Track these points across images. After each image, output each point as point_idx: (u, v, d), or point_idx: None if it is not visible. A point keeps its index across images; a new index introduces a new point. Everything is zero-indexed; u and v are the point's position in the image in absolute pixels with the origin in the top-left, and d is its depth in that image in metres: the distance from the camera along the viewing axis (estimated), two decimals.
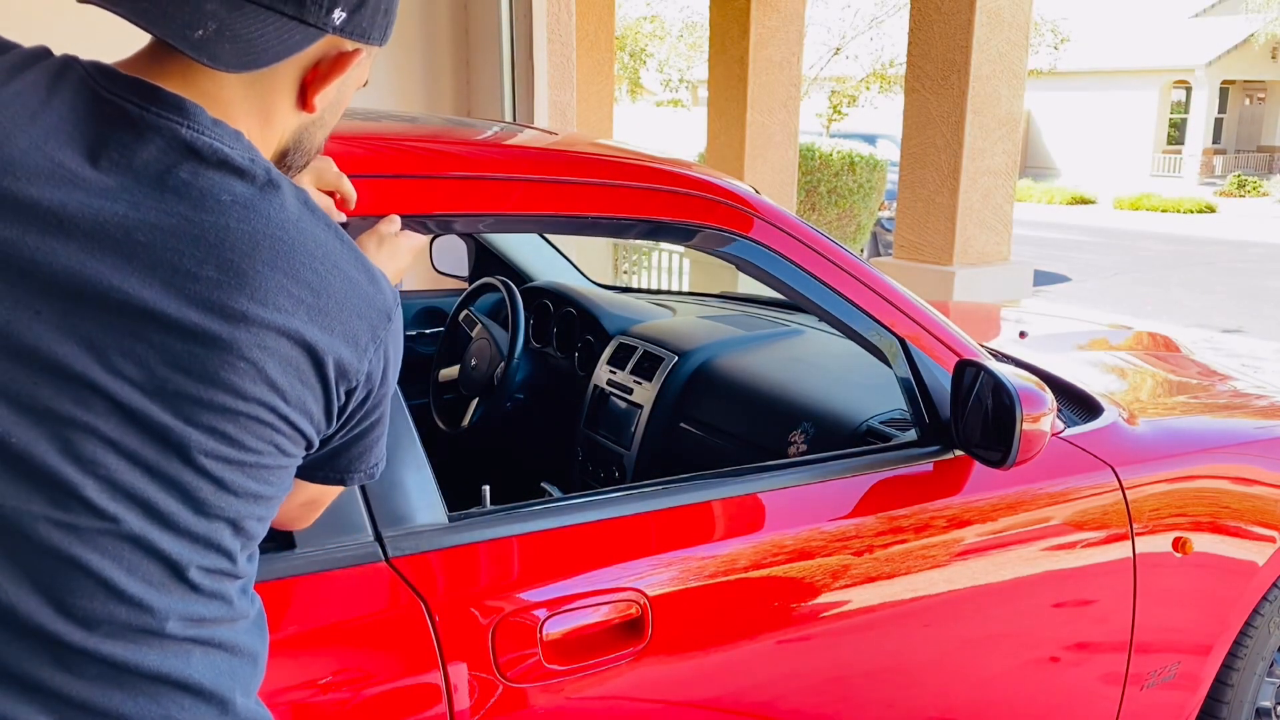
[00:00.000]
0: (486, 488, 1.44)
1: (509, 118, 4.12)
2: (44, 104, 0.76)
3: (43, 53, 0.81)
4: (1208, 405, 2.30)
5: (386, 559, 1.17)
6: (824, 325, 2.18)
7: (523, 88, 4.12)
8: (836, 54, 16.55)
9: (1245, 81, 27.97)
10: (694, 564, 1.37)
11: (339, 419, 0.86)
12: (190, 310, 0.75)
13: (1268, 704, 2.14)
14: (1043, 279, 10.23)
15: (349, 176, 1.08)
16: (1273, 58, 26.35)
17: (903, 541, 1.54)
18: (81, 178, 0.75)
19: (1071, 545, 1.72)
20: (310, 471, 0.92)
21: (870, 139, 12.26)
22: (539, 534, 1.29)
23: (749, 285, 1.93)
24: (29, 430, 0.74)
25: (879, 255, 10.21)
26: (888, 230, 10.26)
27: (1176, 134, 27.60)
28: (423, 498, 1.21)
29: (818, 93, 17.14)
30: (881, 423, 1.81)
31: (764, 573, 1.42)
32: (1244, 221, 17.88)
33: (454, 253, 2.79)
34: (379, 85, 4.00)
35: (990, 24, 4.84)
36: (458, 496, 1.36)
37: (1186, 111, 27.35)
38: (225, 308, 0.76)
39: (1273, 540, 1.99)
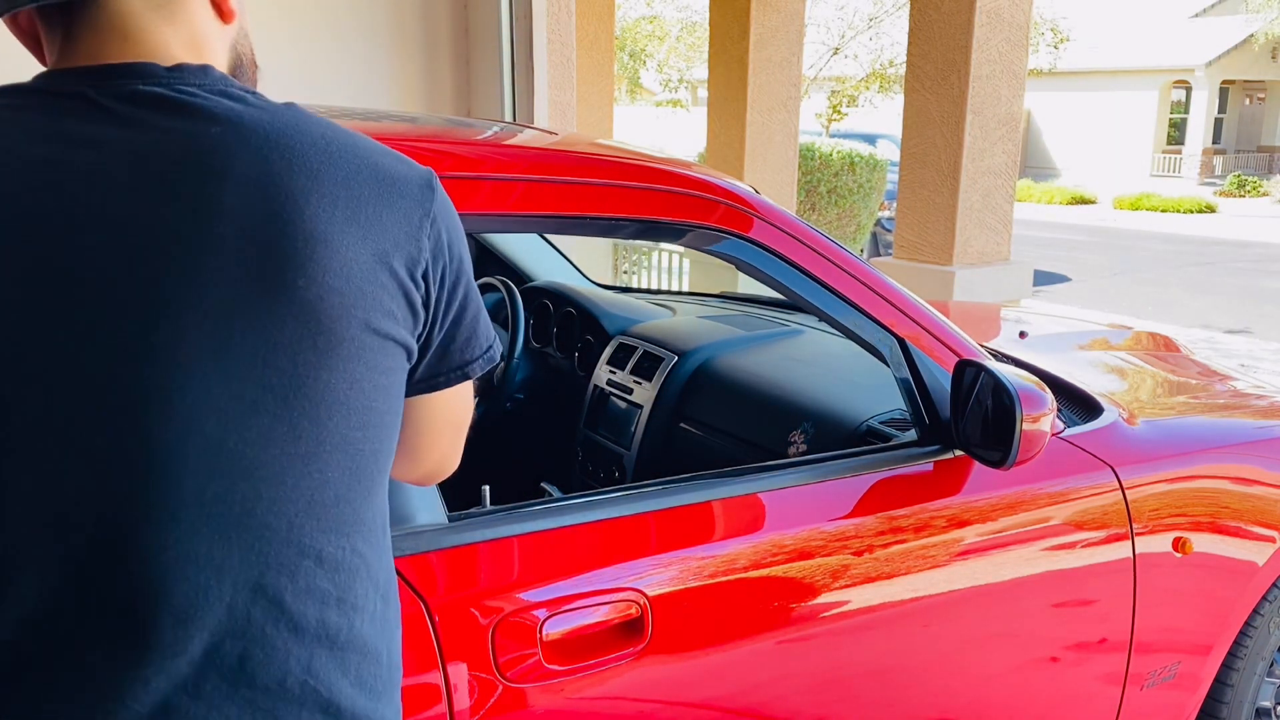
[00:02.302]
0: (486, 488, 1.44)
1: (509, 118, 4.12)
2: (24, 135, 0.75)
3: (20, 86, 0.79)
4: (1207, 405, 2.30)
5: None
6: (824, 325, 2.18)
7: (523, 88, 4.12)
8: (836, 54, 16.55)
9: (1245, 81, 27.96)
10: (694, 564, 1.37)
11: (427, 310, 0.83)
12: (239, 257, 0.73)
13: (1268, 704, 2.14)
14: (1043, 279, 10.23)
15: None
16: (1273, 58, 26.34)
17: (902, 541, 1.54)
18: (85, 178, 0.74)
19: (1071, 545, 1.72)
20: (435, 380, 0.88)
21: (870, 139, 12.26)
22: (539, 534, 1.29)
23: (749, 285, 1.93)
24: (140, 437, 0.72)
25: (879, 255, 10.21)
26: (888, 230, 10.25)
27: (1176, 134, 27.60)
28: (422, 498, 1.21)
29: (818, 93, 17.14)
30: (881, 423, 1.81)
31: (764, 573, 1.42)
32: (1244, 221, 17.87)
33: None
34: (379, 85, 4.01)
35: (990, 24, 4.83)
36: (457, 496, 1.36)
37: (1186, 111, 27.35)
38: (279, 242, 0.74)
39: (1273, 540, 1.99)
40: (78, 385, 0.72)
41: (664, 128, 19.52)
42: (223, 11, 0.84)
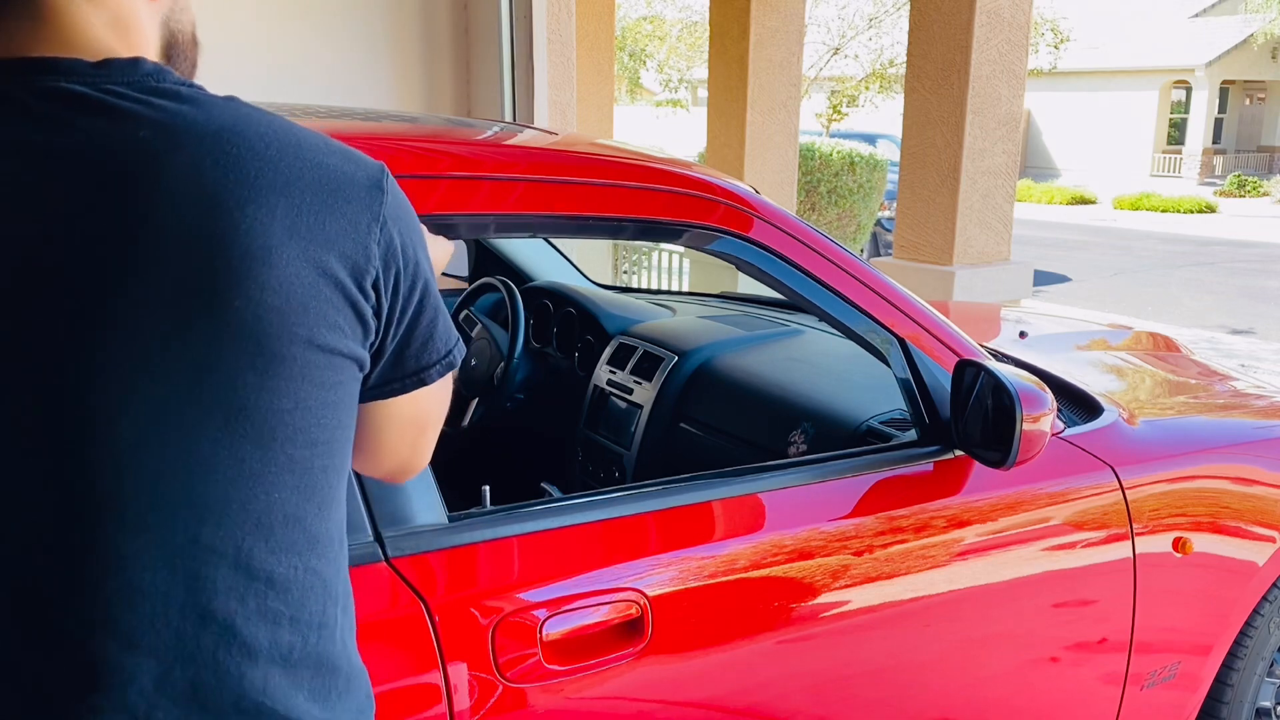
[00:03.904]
0: (486, 488, 1.44)
1: (509, 118, 4.12)
2: None
3: None
4: (1207, 405, 2.30)
5: (386, 559, 1.17)
6: (824, 325, 2.18)
7: (523, 88, 4.12)
8: (836, 54, 16.54)
9: (1245, 81, 27.96)
10: (694, 564, 1.37)
11: (379, 319, 0.79)
12: (168, 263, 0.69)
13: (1268, 704, 2.14)
14: (1043, 279, 10.23)
15: None
16: (1273, 58, 26.34)
17: (902, 541, 1.54)
18: (5, 187, 0.70)
19: (1071, 545, 1.72)
20: (388, 386, 0.84)
21: (870, 139, 12.26)
22: (539, 534, 1.29)
23: (749, 285, 1.93)
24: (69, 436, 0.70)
25: (879, 255, 10.21)
26: (888, 230, 10.26)
27: (1176, 134, 27.60)
28: (422, 498, 1.21)
29: (818, 93, 17.14)
30: (881, 423, 1.81)
31: (764, 573, 1.42)
32: (1244, 221, 17.88)
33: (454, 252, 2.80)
34: (379, 85, 4.01)
35: (990, 24, 4.83)
36: (458, 496, 1.36)
37: (1186, 111, 27.35)
38: (214, 251, 0.70)
39: (1273, 540, 1.99)
40: (6, 420, 0.70)
41: (664, 128, 19.53)
42: None
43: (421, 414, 0.90)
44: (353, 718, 0.83)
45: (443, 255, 1.07)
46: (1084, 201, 21.46)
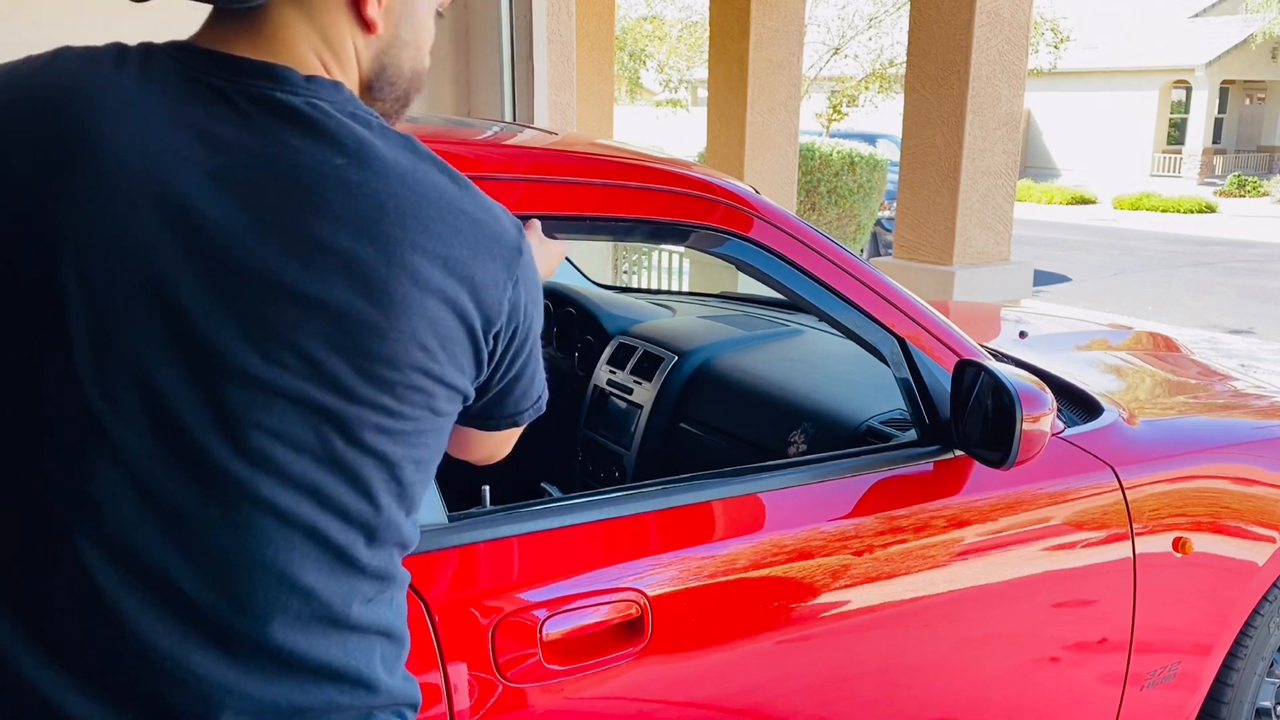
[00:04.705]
0: (486, 488, 1.44)
1: (509, 118, 4.12)
2: (142, 98, 0.75)
3: (121, 48, 0.79)
4: (1207, 405, 2.30)
5: None
6: (824, 325, 2.18)
7: (523, 88, 4.12)
8: (836, 54, 16.54)
9: (1245, 81, 27.96)
10: (694, 564, 1.37)
11: (491, 364, 0.85)
12: (333, 287, 0.74)
13: (1268, 704, 2.14)
14: (1043, 279, 10.23)
15: None
16: (1273, 58, 26.34)
17: (902, 541, 1.54)
18: (194, 164, 0.74)
19: (1071, 545, 1.72)
20: (481, 421, 0.93)
21: (870, 139, 12.26)
22: (539, 534, 1.29)
23: (749, 285, 1.93)
24: (203, 432, 0.74)
25: (879, 255, 10.21)
26: (888, 230, 10.26)
27: (1176, 134, 27.60)
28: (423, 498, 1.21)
29: (818, 93, 17.14)
30: (881, 423, 1.81)
31: (764, 573, 1.42)
32: (1244, 221, 17.87)
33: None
34: None
35: (990, 24, 4.83)
36: (458, 496, 1.36)
37: (1186, 111, 27.35)
38: (366, 279, 0.74)
39: (1273, 540, 1.99)
40: (185, 385, 0.74)
41: (664, 128, 19.53)
42: (366, 22, 0.81)
43: (508, 436, 1.02)
44: (401, 686, 0.87)
45: (555, 258, 1.13)
46: (1084, 201, 21.46)
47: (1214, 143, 27.62)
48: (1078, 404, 1.97)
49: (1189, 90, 27.04)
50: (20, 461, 0.75)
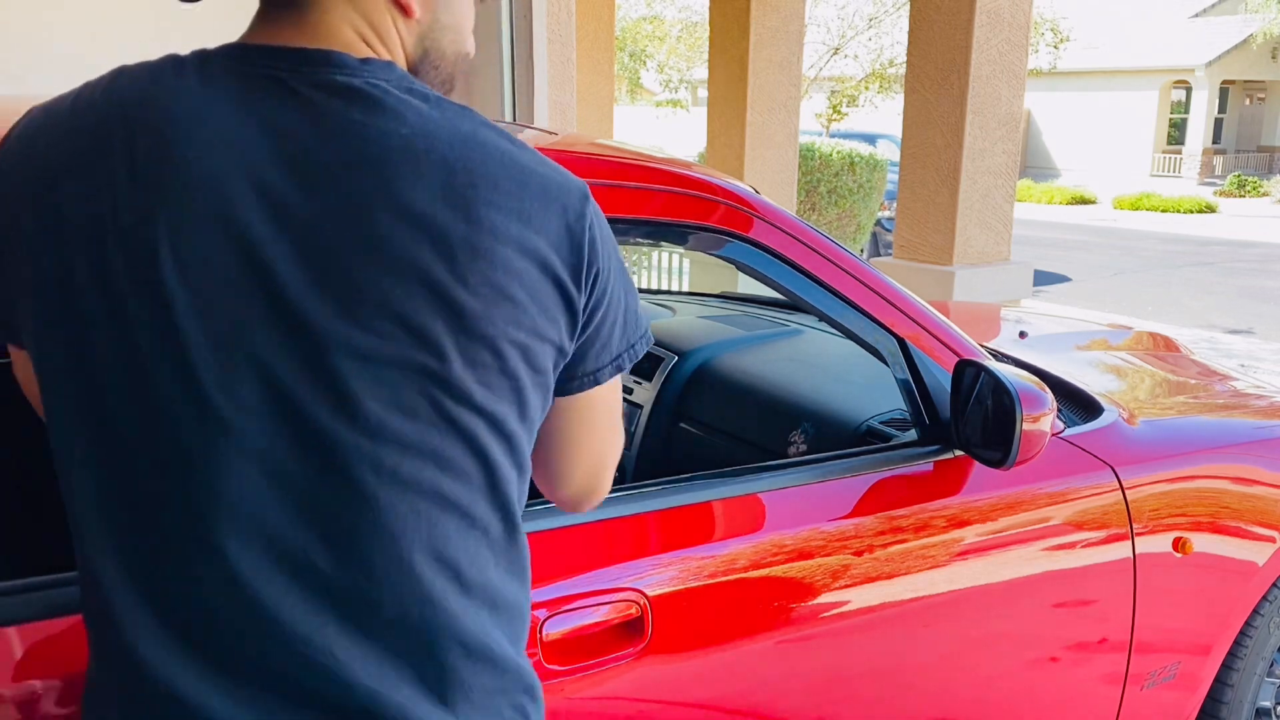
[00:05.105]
0: None
1: (509, 118, 4.12)
2: (210, 101, 0.78)
3: (176, 58, 0.81)
4: (1207, 405, 2.30)
5: None
6: (824, 325, 2.18)
7: (523, 88, 4.12)
8: (836, 54, 16.54)
9: (1245, 81, 27.97)
10: (694, 564, 1.37)
11: (585, 313, 0.86)
12: (418, 252, 0.76)
13: (1268, 704, 2.14)
14: (1043, 279, 10.24)
15: None
16: (1273, 58, 26.34)
17: (902, 541, 1.54)
18: (269, 154, 0.76)
19: (1071, 545, 1.72)
20: (583, 379, 0.90)
21: (870, 139, 12.26)
22: (539, 534, 1.29)
23: (749, 285, 1.93)
24: (320, 411, 0.75)
25: (879, 255, 10.21)
26: (888, 230, 10.25)
27: (1176, 134, 27.60)
28: None
29: (818, 93, 17.14)
30: (881, 423, 1.81)
31: (764, 573, 1.42)
32: (1244, 221, 17.88)
33: None
34: None
35: (990, 24, 4.84)
36: None
37: (1186, 111, 27.35)
38: (448, 240, 0.77)
39: (1273, 540, 1.99)
40: (282, 369, 0.76)
41: (664, 128, 19.53)
42: (403, 7, 0.84)
43: (596, 425, 0.95)
44: (525, 663, 0.89)
45: None
46: (1084, 201, 21.46)
47: (1214, 143, 27.63)
48: (1078, 404, 1.97)
49: (1189, 90, 27.04)
50: (146, 466, 0.77)
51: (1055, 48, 17.68)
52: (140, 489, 0.77)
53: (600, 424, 0.95)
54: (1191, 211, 19.43)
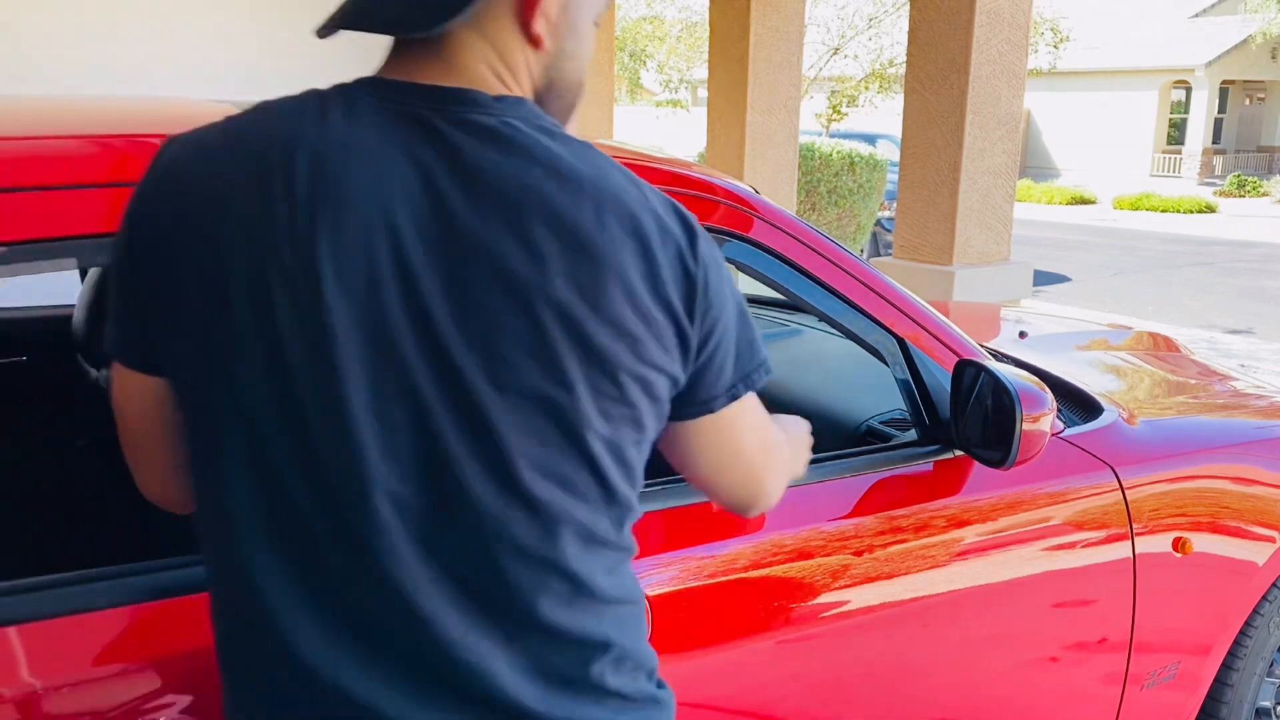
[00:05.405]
0: None
1: None
2: (358, 136, 0.81)
3: (318, 92, 0.85)
4: (1207, 405, 2.30)
5: None
6: (824, 325, 2.18)
7: None
8: (836, 54, 16.55)
9: (1245, 81, 27.97)
10: (694, 564, 1.37)
11: (696, 347, 0.89)
12: (554, 289, 0.80)
13: (1267, 704, 2.14)
14: (1043, 279, 10.24)
15: None
16: (1273, 58, 26.35)
17: (902, 541, 1.54)
18: (414, 189, 0.80)
19: (1071, 545, 1.72)
20: (698, 407, 0.95)
21: (870, 139, 12.26)
22: None
23: (749, 285, 1.93)
24: (463, 435, 0.80)
25: (879, 255, 10.21)
26: (888, 230, 10.26)
27: (1176, 134, 27.61)
28: None
29: (818, 93, 17.14)
30: (881, 423, 1.81)
31: (764, 573, 1.42)
32: (1244, 221, 17.88)
33: None
34: None
35: (990, 24, 4.84)
36: None
37: (1186, 111, 27.36)
38: (579, 278, 0.81)
39: (1272, 540, 1.99)
40: (397, 411, 0.80)
41: (664, 128, 19.53)
42: (533, 39, 0.86)
43: (759, 459, 1.05)
44: (647, 650, 0.97)
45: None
46: (1084, 201, 21.46)
47: (1214, 143, 27.63)
48: (1078, 404, 1.97)
49: (1189, 90, 27.05)
50: (298, 478, 0.81)
51: (1055, 48, 17.69)
52: (295, 499, 0.82)
53: (730, 445, 1.01)
54: (1191, 211, 19.43)
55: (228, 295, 0.79)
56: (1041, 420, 1.54)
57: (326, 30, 0.86)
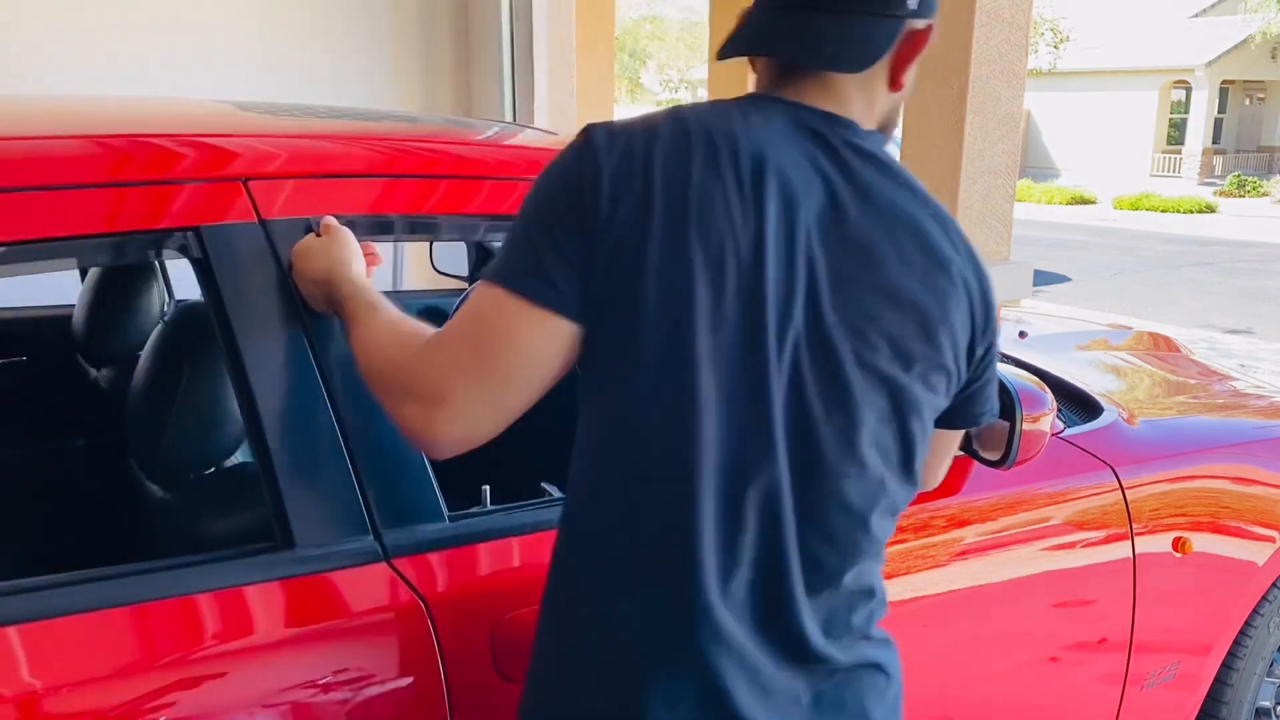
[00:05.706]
0: (486, 488, 1.44)
1: (509, 118, 4.12)
2: (776, 139, 0.95)
3: (734, 102, 0.98)
4: (1207, 405, 2.30)
5: (386, 559, 1.17)
6: None
7: (523, 88, 4.12)
8: None
9: (1245, 81, 27.98)
10: None
11: (973, 356, 1.03)
12: (915, 291, 0.95)
13: (1267, 704, 2.14)
14: (1043, 279, 10.24)
15: (348, 177, 1.08)
16: (1272, 58, 26.36)
17: (902, 541, 1.54)
18: (819, 189, 0.94)
19: (1071, 545, 1.72)
20: (956, 418, 1.09)
21: None
22: (539, 534, 1.29)
23: None
24: (829, 402, 0.93)
25: None
26: None
27: (1176, 134, 27.61)
28: (423, 498, 1.21)
29: None
30: None
31: None
32: (1244, 221, 17.88)
33: (454, 252, 2.79)
34: (380, 85, 4.01)
35: (990, 24, 4.84)
36: (458, 496, 1.36)
37: (1186, 111, 27.36)
38: (933, 284, 0.96)
39: (1272, 540, 1.99)
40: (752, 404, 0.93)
41: None
42: (895, 82, 1.01)
43: (951, 448, 1.22)
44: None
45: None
46: (1084, 201, 21.47)
47: (1214, 143, 27.64)
48: (1078, 404, 1.97)
49: (1189, 90, 27.05)
50: (723, 439, 0.92)
51: (1055, 48, 17.72)
52: (721, 445, 0.92)
53: (947, 445, 1.20)
54: (1191, 211, 19.44)
55: (689, 252, 0.90)
56: (1041, 420, 1.54)
57: (729, 53, 0.99)
